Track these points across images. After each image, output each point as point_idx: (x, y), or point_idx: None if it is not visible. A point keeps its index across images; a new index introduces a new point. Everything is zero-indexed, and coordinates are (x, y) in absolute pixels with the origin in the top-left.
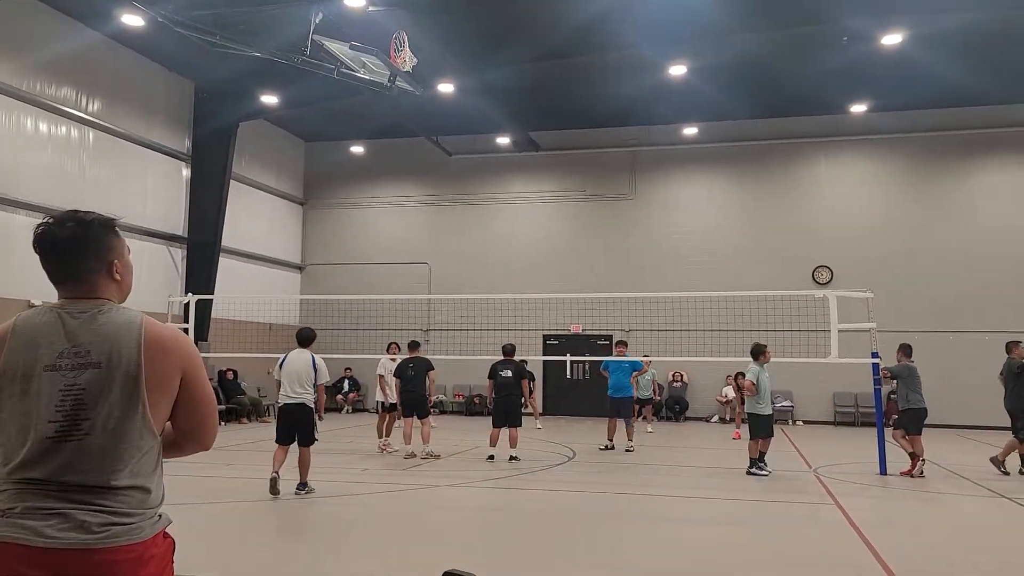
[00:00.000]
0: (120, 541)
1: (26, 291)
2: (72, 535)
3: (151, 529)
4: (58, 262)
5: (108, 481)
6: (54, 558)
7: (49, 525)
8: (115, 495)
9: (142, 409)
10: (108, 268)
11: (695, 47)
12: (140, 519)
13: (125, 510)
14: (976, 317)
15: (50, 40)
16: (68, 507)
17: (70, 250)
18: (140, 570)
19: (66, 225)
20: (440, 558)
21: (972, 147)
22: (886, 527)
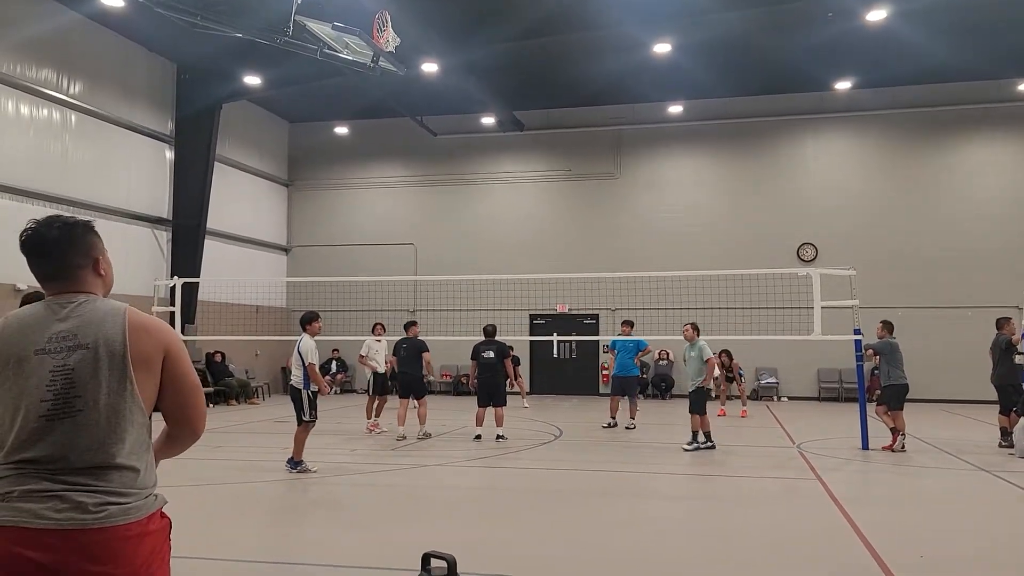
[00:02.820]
0: (116, 520)
1: (9, 275)
2: (70, 515)
3: (146, 508)
4: (46, 262)
5: (101, 460)
6: (53, 538)
7: (47, 507)
8: (109, 475)
9: (130, 387)
10: (94, 265)
11: (679, 25)
12: (135, 498)
13: (120, 490)
14: (959, 292)
15: (29, 21)
16: (64, 489)
17: (57, 250)
18: (137, 548)
19: (53, 227)
20: (425, 538)
21: (957, 123)
22: (866, 501)
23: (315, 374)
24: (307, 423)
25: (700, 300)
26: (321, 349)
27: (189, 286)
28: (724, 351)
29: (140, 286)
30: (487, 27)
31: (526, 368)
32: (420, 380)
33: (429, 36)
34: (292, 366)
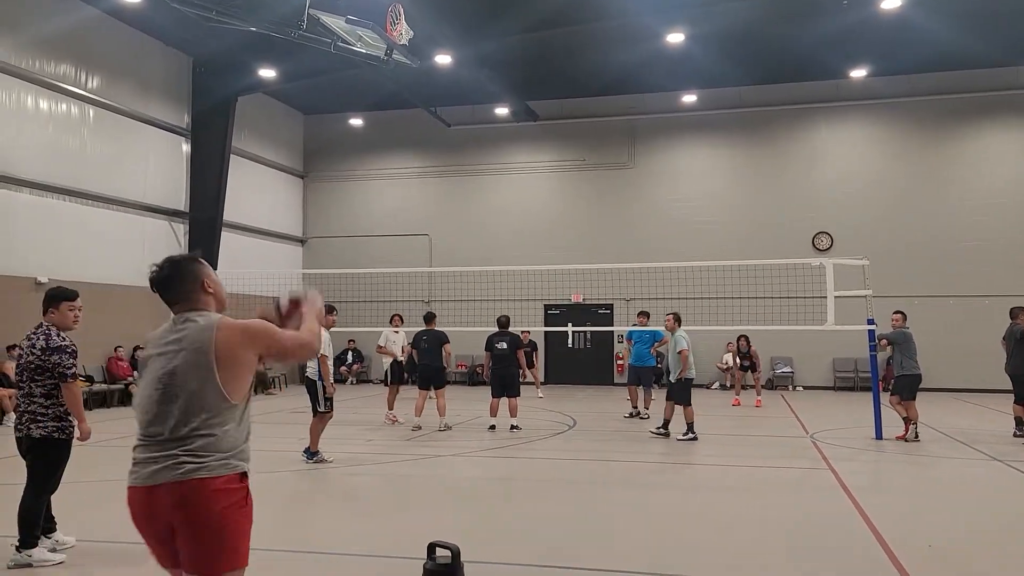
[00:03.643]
0: (199, 475)
1: (29, 268)
2: (167, 474)
3: (223, 470)
4: (166, 293)
5: (187, 432)
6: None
7: (154, 469)
8: (193, 443)
9: (214, 379)
10: (201, 286)
11: (693, 14)
12: (212, 460)
13: (201, 455)
14: (976, 281)
15: (48, 17)
16: (163, 454)
17: (170, 283)
18: (215, 499)
19: (164, 268)
20: (435, 527)
21: (973, 110)
22: (877, 490)
23: (326, 367)
24: (323, 414)
25: (714, 289)
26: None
27: None
28: (742, 336)
29: None
30: (500, 18)
31: (541, 358)
32: (440, 372)
33: (442, 28)
34: None
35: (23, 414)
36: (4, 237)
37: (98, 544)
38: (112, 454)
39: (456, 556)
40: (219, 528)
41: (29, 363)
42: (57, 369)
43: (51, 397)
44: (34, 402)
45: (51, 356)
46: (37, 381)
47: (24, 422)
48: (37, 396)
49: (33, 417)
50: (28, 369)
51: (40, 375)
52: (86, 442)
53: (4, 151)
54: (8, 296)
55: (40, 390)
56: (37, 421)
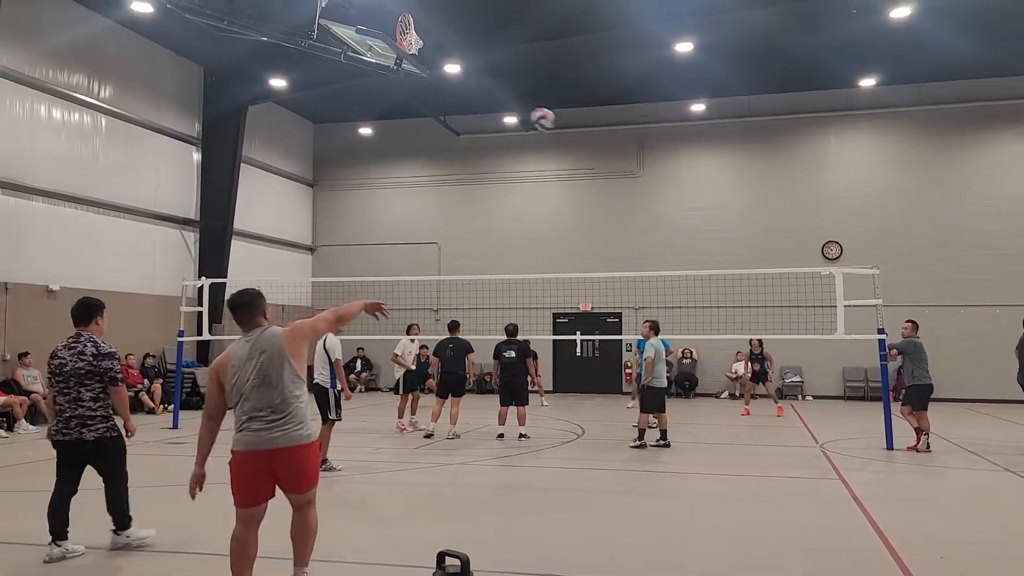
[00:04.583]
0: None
1: (41, 276)
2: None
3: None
4: (241, 317)
5: (280, 407)
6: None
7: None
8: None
9: (290, 368)
10: (263, 314)
11: (701, 23)
12: (304, 427)
13: (302, 421)
14: (987, 290)
15: (61, 27)
16: (270, 425)
17: (246, 309)
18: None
19: (243, 297)
20: (444, 536)
21: (983, 120)
22: (888, 501)
23: (340, 371)
24: (333, 421)
25: (723, 298)
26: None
27: (216, 286)
28: (755, 339)
29: (168, 286)
30: (509, 27)
31: (549, 367)
32: (463, 380)
33: (452, 37)
34: (317, 364)
35: (71, 419)
36: (16, 245)
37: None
38: None
39: (466, 565)
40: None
41: (78, 369)
42: (108, 374)
43: (98, 400)
44: (82, 406)
45: (102, 362)
46: (86, 386)
47: (73, 427)
48: (86, 400)
49: (83, 421)
50: (76, 375)
51: (90, 380)
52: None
53: (17, 160)
54: (20, 303)
55: (89, 394)
56: (87, 424)
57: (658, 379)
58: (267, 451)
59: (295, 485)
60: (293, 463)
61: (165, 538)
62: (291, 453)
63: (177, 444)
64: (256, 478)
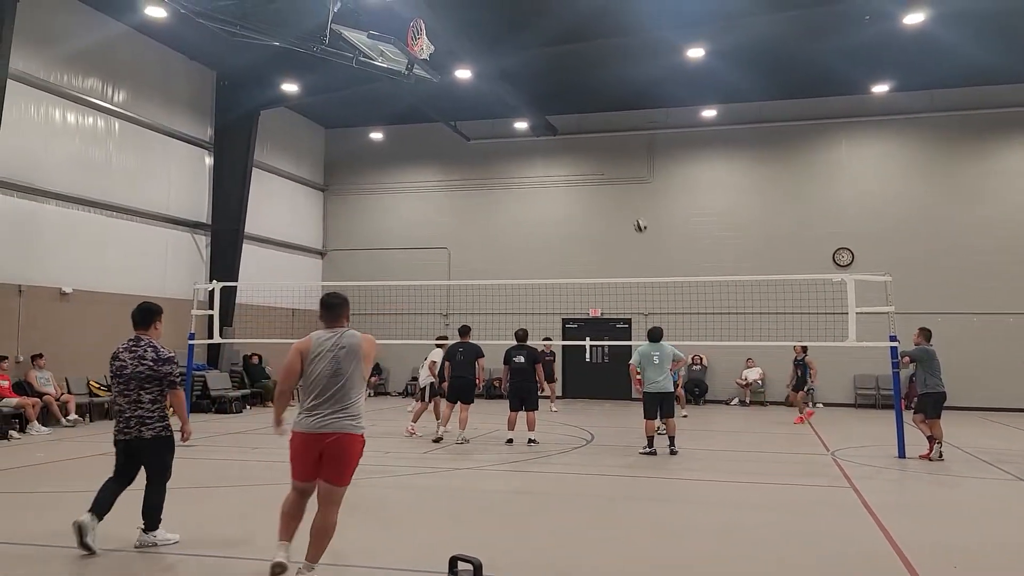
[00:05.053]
0: (358, 431)
1: (54, 278)
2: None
3: (360, 428)
4: (330, 317)
5: (343, 399)
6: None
7: (325, 422)
8: (351, 406)
9: (359, 367)
10: (347, 316)
11: (713, 29)
12: (358, 421)
13: (358, 414)
14: (1001, 298)
15: (76, 32)
16: (334, 413)
17: (336, 310)
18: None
19: (334, 300)
20: (454, 541)
21: (996, 126)
22: (900, 510)
23: None
24: None
25: (734, 305)
26: None
27: (227, 289)
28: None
29: (179, 289)
30: (520, 33)
31: (558, 372)
32: (472, 385)
33: (463, 43)
34: None
35: (130, 419)
36: (30, 248)
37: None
38: None
39: (478, 570)
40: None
41: (138, 373)
42: (167, 379)
43: (156, 402)
44: (141, 407)
45: (162, 367)
46: (146, 389)
47: (133, 426)
48: (145, 402)
49: (142, 421)
50: (137, 378)
51: (149, 384)
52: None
53: (32, 164)
54: (34, 306)
55: (148, 396)
56: (146, 424)
57: (651, 384)
58: (321, 435)
59: (333, 473)
60: (339, 450)
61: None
62: (339, 440)
63: (188, 447)
64: (309, 457)
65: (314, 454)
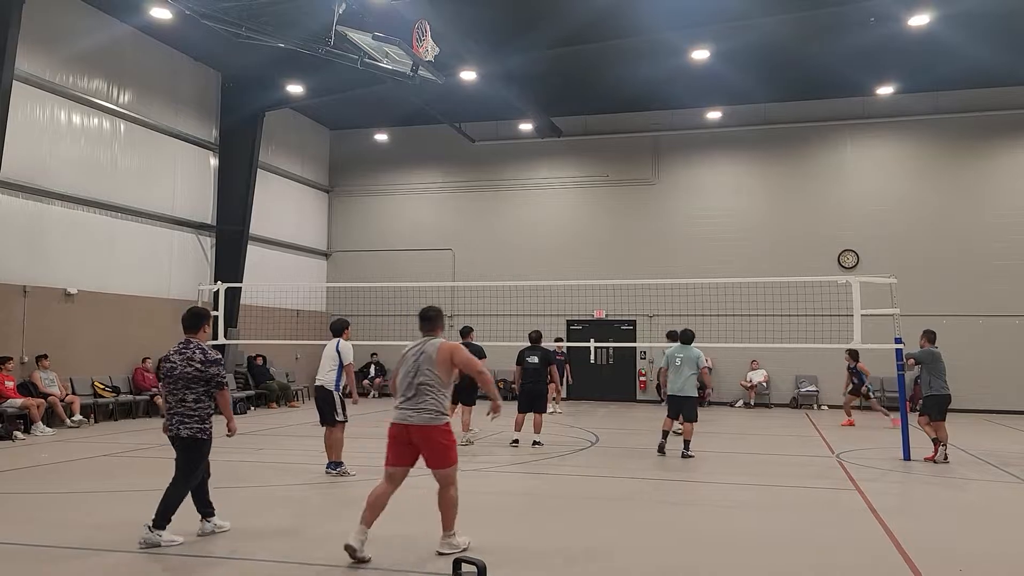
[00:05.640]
0: (436, 423)
1: (59, 279)
2: (418, 419)
3: (443, 420)
4: (426, 327)
5: (420, 395)
6: (414, 428)
7: (411, 415)
8: (428, 402)
9: (435, 369)
10: (441, 326)
11: (718, 30)
12: (440, 415)
13: (435, 410)
14: (1006, 300)
15: (81, 34)
16: (414, 407)
17: (432, 320)
18: (438, 435)
19: (430, 312)
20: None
21: (1002, 128)
22: (905, 513)
23: (351, 375)
24: (341, 423)
25: (738, 306)
26: (360, 353)
27: (232, 291)
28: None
29: (184, 290)
30: (525, 35)
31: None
32: (474, 387)
33: (467, 45)
34: (323, 368)
35: (173, 416)
36: (35, 249)
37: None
38: (140, 464)
39: (482, 572)
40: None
41: (186, 373)
42: (215, 379)
43: (199, 402)
44: (184, 405)
45: (210, 368)
46: (192, 388)
47: (175, 423)
48: (189, 401)
49: (182, 419)
50: (184, 378)
51: (195, 384)
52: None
53: (37, 164)
54: (39, 307)
55: (192, 396)
56: (185, 423)
57: (670, 387)
58: (406, 426)
59: (432, 460)
60: (428, 440)
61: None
62: (423, 430)
63: None
64: (398, 445)
65: (403, 442)
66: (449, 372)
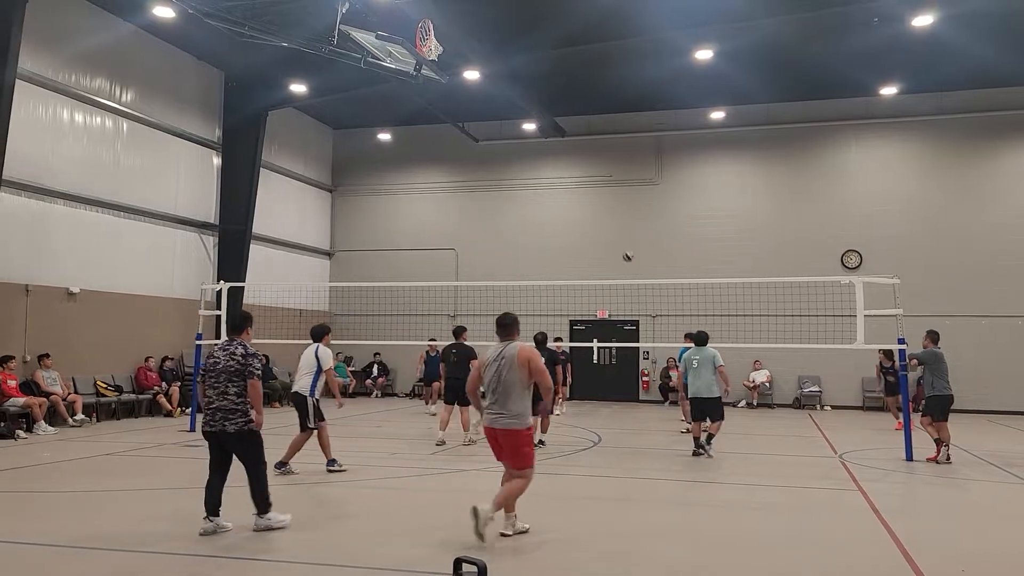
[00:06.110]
0: (518, 427)
1: (63, 279)
2: (502, 423)
3: (525, 424)
4: (504, 333)
5: (504, 400)
6: (499, 431)
7: (496, 419)
8: (511, 406)
9: (519, 376)
10: (517, 331)
11: (721, 31)
12: (523, 419)
13: (516, 413)
14: (1009, 301)
15: (85, 33)
16: (500, 411)
17: (509, 327)
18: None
19: (507, 319)
20: (462, 542)
21: (1006, 128)
22: (908, 513)
23: (333, 380)
24: (311, 430)
25: (741, 307)
26: (363, 353)
27: (235, 290)
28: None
29: (187, 290)
30: (528, 35)
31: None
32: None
33: (471, 44)
34: (299, 373)
35: (216, 411)
36: (38, 248)
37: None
38: (140, 464)
39: (483, 572)
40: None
41: (229, 367)
42: (249, 368)
43: (241, 396)
44: (227, 398)
45: (249, 360)
46: (234, 382)
47: (218, 419)
48: (231, 394)
49: (226, 415)
50: (227, 372)
51: (237, 377)
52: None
53: (40, 163)
54: (41, 306)
55: (234, 389)
56: (230, 418)
57: (690, 389)
58: (492, 429)
59: (509, 459)
60: (508, 442)
61: (182, 536)
62: (505, 434)
63: (194, 447)
64: (493, 443)
65: (495, 443)
66: (528, 374)
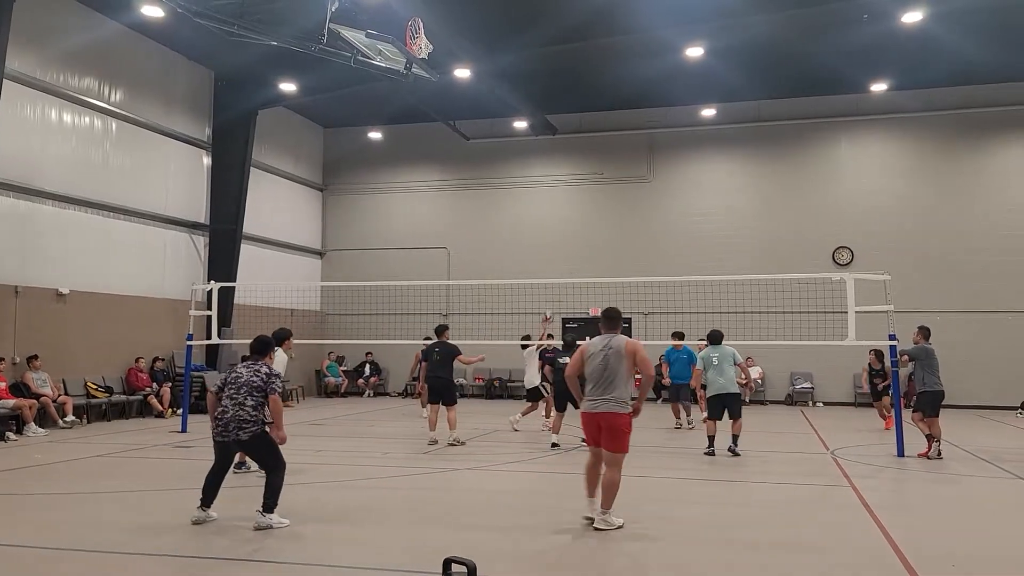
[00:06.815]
0: (620, 411)
1: (52, 280)
2: (606, 407)
3: (626, 410)
4: (608, 326)
5: (609, 388)
6: (601, 415)
7: (600, 404)
8: (616, 392)
9: (624, 365)
10: (620, 325)
11: (712, 28)
12: (626, 404)
13: (620, 400)
14: (999, 297)
15: (72, 32)
16: (604, 397)
17: (614, 321)
18: (617, 421)
19: (613, 313)
20: (449, 542)
21: (995, 125)
22: (899, 509)
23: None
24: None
25: (734, 304)
26: (355, 352)
27: (226, 290)
28: (873, 351)
29: (178, 290)
30: (519, 32)
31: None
32: (451, 386)
33: (461, 42)
34: None
35: (229, 422)
36: (27, 249)
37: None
38: (132, 465)
39: (472, 572)
40: (622, 434)
41: (251, 381)
42: (270, 385)
43: (257, 409)
44: (244, 409)
45: (271, 379)
46: (253, 395)
47: (232, 430)
48: (248, 406)
49: (240, 424)
50: (249, 386)
51: (257, 392)
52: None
53: (28, 164)
54: (30, 307)
55: (252, 402)
56: (244, 427)
57: (712, 386)
58: (595, 414)
59: (607, 442)
60: (608, 424)
61: (174, 537)
62: (606, 417)
63: (185, 448)
64: (590, 429)
65: (594, 427)
66: (632, 365)
